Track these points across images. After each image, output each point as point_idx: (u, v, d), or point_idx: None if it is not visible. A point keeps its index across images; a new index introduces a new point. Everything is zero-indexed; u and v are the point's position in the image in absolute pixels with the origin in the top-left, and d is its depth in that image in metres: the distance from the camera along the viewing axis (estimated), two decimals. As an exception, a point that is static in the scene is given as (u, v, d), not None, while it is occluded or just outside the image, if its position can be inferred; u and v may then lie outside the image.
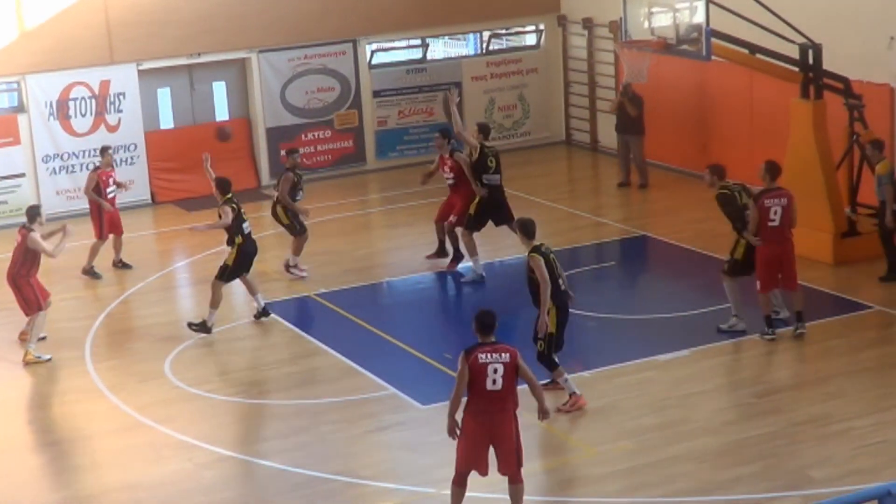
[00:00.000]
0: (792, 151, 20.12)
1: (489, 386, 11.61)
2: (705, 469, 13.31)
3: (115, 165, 22.14)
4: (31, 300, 17.30)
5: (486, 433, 11.74)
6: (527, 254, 14.87)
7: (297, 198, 20.04)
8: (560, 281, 14.88)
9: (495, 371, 11.60)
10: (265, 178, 26.23)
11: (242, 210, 18.26)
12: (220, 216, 18.09)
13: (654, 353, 16.37)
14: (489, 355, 11.64)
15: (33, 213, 17.75)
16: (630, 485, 13.04)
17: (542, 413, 12.11)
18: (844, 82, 19.90)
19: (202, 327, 17.81)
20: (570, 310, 15.24)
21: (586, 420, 14.60)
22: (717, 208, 17.18)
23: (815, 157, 19.63)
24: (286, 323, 18.31)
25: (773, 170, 17.02)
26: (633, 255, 21.63)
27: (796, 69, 19.76)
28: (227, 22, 25.41)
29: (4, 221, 23.63)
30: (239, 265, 18.07)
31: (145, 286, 20.38)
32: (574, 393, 14.83)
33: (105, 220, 20.97)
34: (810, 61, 19.65)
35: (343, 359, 16.92)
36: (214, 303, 17.83)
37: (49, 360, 17.14)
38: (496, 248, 21.13)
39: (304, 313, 18.76)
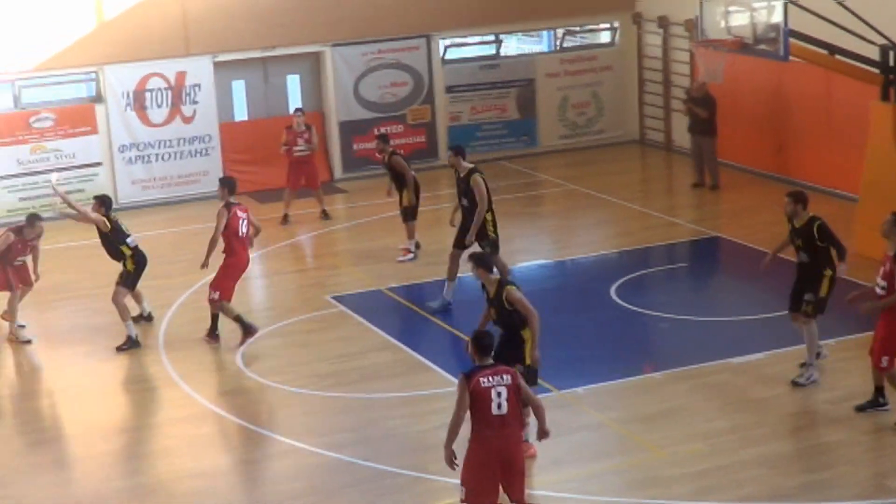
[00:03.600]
0: (871, 154, 19.88)
1: (495, 410, 11.06)
2: (776, 475, 13.16)
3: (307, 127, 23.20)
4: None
5: (496, 459, 11.18)
6: (496, 288, 13.53)
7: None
8: None
9: (499, 394, 11.06)
10: (338, 171, 26.32)
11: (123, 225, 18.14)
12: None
13: (727, 356, 16.22)
14: (490, 378, 11.08)
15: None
16: (699, 488, 12.91)
17: (542, 433, 11.67)
18: (926, 84, 19.64)
19: (130, 343, 17.51)
20: (643, 310, 15.10)
21: (657, 421, 14.49)
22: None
23: (895, 160, 19.35)
24: (357, 316, 18.32)
25: None
26: (706, 256, 21.46)
27: (876, 71, 19.52)
28: (302, 16, 25.50)
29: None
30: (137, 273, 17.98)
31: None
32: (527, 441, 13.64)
33: (288, 173, 22.81)
34: (891, 63, 19.40)
35: (413, 353, 16.92)
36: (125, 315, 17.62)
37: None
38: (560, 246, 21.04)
39: (375, 307, 18.75)
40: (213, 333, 17.50)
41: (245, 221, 17.41)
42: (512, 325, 13.49)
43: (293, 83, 26.48)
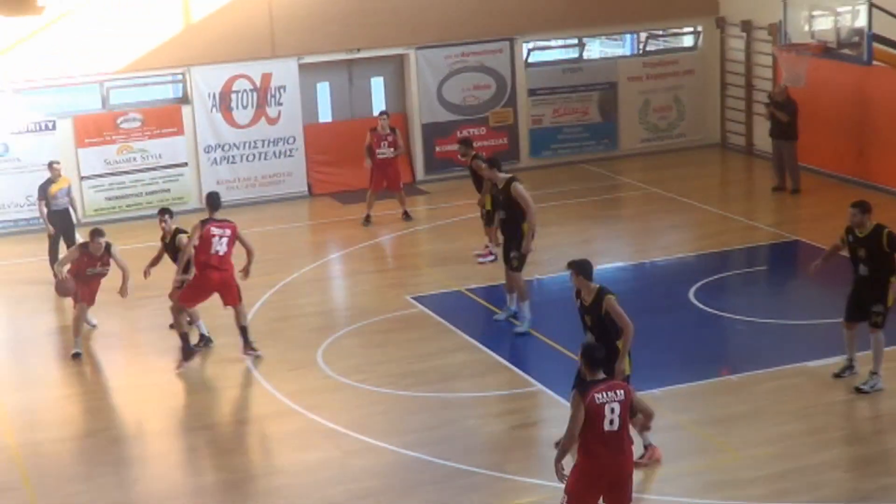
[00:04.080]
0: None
1: (607, 427, 10.77)
2: (852, 478, 13.11)
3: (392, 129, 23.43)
4: None
5: (606, 476, 10.91)
6: (594, 296, 13.44)
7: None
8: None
9: (612, 411, 10.76)
10: (420, 172, 26.45)
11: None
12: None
13: (804, 360, 16.15)
14: (605, 394, 10.79)
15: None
16: (775, 490, 12.89)
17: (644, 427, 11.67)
18: None
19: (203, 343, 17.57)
20: (721, 313, 15.05)
21: (733, 424, 14.46)
22: None
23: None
24: (436, 316, 18.43)
25: None
26: (785, 259, 21.35)
27: (959, 76, 19.37)
28: (386, 18, 25.66)
29: (167, 209, 24.19)
30: None
31: (299, 276, 20.70)
32: (650, 444, 13.78)
33: (371, 175, 23.24)
34: (974, 68, 19.25)
35: (491, 353, 16.99)
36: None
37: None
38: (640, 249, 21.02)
39: (454, 307, 18.84)
40: (248, 346, 17.21)
41: (223, 239, 16.75)
42: (606, 335, 13.30)
43: (377, 85, 26.65)
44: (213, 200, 17.23)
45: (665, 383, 15.63)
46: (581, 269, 13.61)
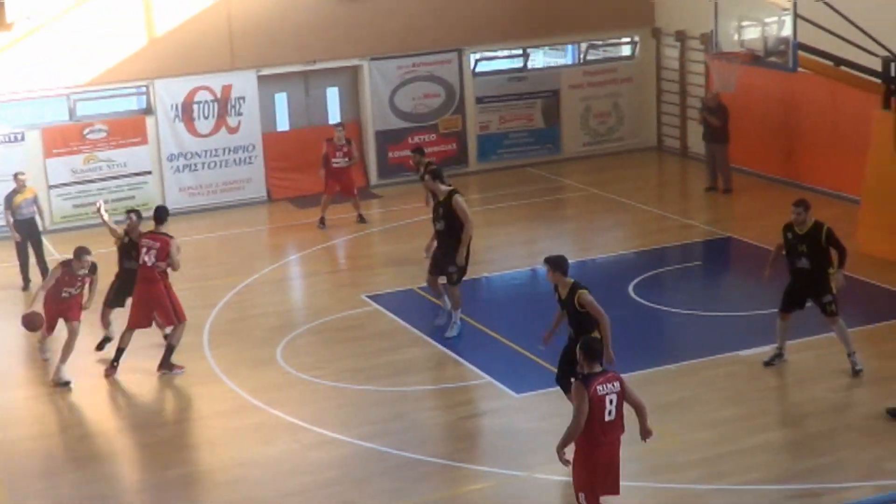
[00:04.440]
0: (873, 160, 19.83)
1: (606, 417, 10.77)
2: (782, 459, 13.17)
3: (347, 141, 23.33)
4: None
5: (604, 463, 10.94)
6: (568, 290, 13.36)
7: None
8: None
9: (611, 402, 10.77)
10: (373, 178, 26.38)
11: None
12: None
13: (737, 349, 16.21)
14: (605, 386, 10.76)
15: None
16: (711, 473, 12.93)
17: (645, 433, 11.35)
18: (925, 94, 19.56)
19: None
20: (659, 306, 15.08)
21: (671, 411, 14.47)
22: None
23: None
24: (390, 314, 18.36)
25: None
26: (718, 255, 21.43)
27: (878, 81, 19.46)
28: (341, 32, 25.57)
29: (132, 215, 24.02)
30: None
31: (259, 278, 20.58)
32: None
33: (326, 182, 22.85)
34: (892, 73, 19.34)
35: (442, 348, 16.95)
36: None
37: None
38: (582, 247, 21.02)
39: (407, 305, 18.78)
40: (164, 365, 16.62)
41: (150, 251, 16.23)
42: (583, 327, 13.27)
43: (332, 95, 26.55)
44: (157, 214, 16.74)
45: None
46: (556, 264, 13.56)
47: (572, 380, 13.28)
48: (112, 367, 16.55)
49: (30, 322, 16.35)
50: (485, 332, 17.44)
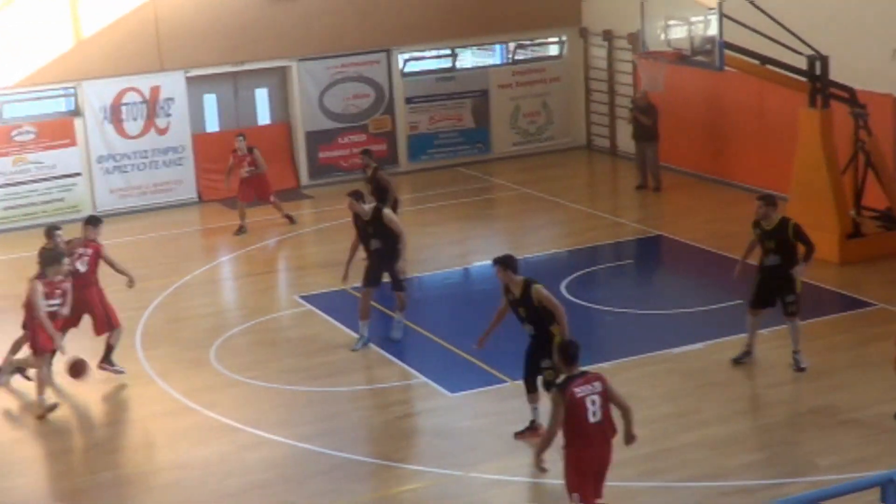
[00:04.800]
0: (800, 157, 20.04)
1: (591, 419, 10.62)
2: (716, 456, 13.25)
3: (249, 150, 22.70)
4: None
5: (595, 466, 10.87)
6: (522, 288, 13.31)
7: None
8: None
9: (593, 403, 10.62)
10: (304, 178, 26.28)
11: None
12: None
13: (669, 347, 16.31)
14: (584, 387, 10.62)
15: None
16: (646, 470, 12.97)
17: (630, 437, 11.20)
18: (850, 92, 19.80)
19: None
20: (591, 304, 15.11)
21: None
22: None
23: (822, 162, 19.55)
24: (323, 314, 18.30)
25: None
26: (649, 253, 21.56)
27: (804, 79, 19.67)
28: (270, 33, 25.46)
29: (62, 217, 23.69)
30: None
31: (192, 279, 20.43)
32: (539, 425, 13.62)
33: (240, 188, 22.50)
34: (818, 72, 19.57)
35: (377, 349, 16.89)
36: None
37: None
38: (513, 247, 21.08)
39: (340, 306, 18.70)
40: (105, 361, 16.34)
41: (83, 258, 15.96)
42: (540, 322, 13.26)
43: (262, 96, 26.42)
44: (88, 221, 16.50)
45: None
46: (506, 263, 13.47)
47: (539, 378, 13.37)
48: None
49: (78, 371, 15.69)
50: (418, 332, 17.42)
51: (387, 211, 17.03)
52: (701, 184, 24.60)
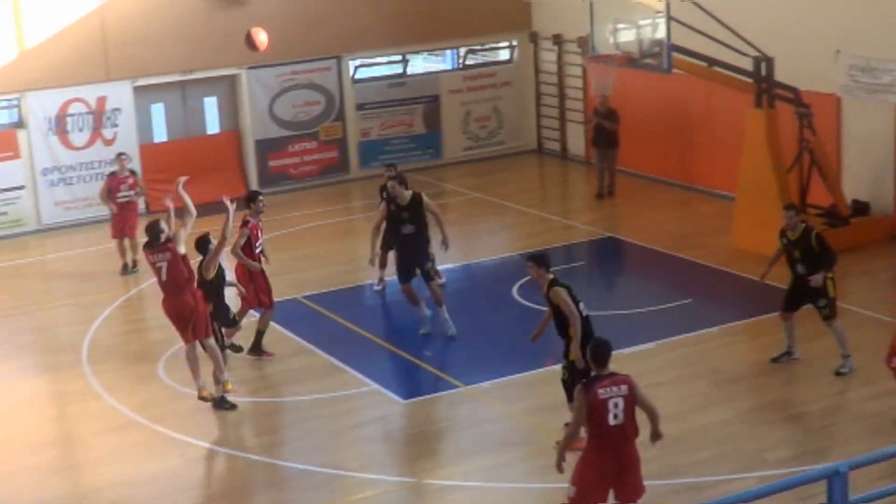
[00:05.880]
0: (747, 156, 20.19)
1: (611, 421, 10.54)
2: (668, 453, 13.26)
3: (130, 171, 21.80)
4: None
5: (613, 469, 10.73)
6: (546, 287, 13.44)
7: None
8: (581, 306, 13.55)
9: (616, 405, 10.53)
10: (254, 187, 26.11)
11: None
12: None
13: (620, 347, 16.24)
14: (608, 389, 10.56)
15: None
16: (597, 472, 13.01)
17: (655, 436, 11.17)
18: (795, 92, 20.01)
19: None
20: (544, 308, 15.08)
21: (558, 411, 14.50)
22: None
23: (769, 161, 19.72)
24: (274, 324, 18.19)
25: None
26: (601, 255, 21.64)
27: (750, 80, 19.83)
28: (218, 41, 25.34)
29: (5, 232, 23.58)
30: None
31: (138, 292, 20.31)
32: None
33: (113, 222, 21.09)
34: (763, 73, 19.75)
35: (328, 357, 16.86)
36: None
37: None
38: (465, 251, 21.09)
39: (291, 315, 18.65)
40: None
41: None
42: (561, 323, 13.37)
43: (210, 105, 26.31)
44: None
45: (493, 376, 15.74)
46: (539, 261, 13.53)
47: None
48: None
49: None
50: (369, 339, 17.41)
51: (424, 197, 17.14)
52: (651, 186, 24.71)
